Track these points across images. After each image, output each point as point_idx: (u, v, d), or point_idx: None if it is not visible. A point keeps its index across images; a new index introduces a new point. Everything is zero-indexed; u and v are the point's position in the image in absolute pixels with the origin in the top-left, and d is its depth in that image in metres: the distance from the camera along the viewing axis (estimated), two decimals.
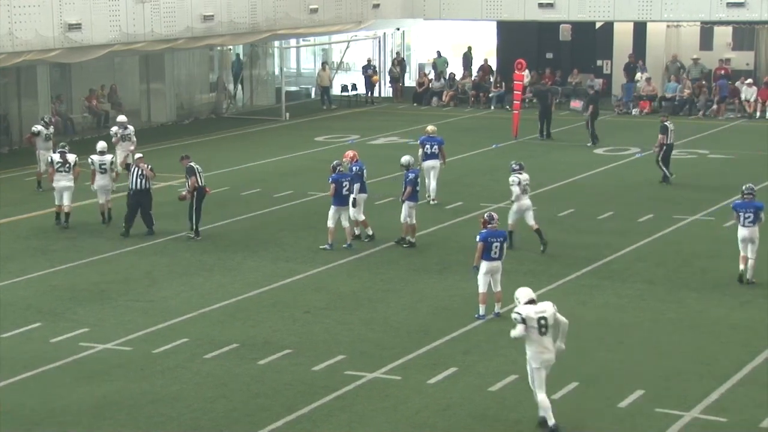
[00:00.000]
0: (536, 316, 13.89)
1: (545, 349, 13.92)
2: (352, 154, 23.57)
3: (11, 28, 30.53)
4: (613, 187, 28.73)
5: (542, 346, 13.91)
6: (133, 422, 14.20)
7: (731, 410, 14.47)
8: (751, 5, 41.14)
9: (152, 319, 18.27)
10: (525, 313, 13.91)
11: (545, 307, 14.02)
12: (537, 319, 13.85)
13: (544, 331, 13.88)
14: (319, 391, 15.12)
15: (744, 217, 20.05)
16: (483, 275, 18.18)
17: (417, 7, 46.25)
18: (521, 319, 13.89)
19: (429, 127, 27.96)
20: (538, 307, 14.00)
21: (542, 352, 13.91)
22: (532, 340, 13.89)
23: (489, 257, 18.10)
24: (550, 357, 13.95)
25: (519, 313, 13.93)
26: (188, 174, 23.32)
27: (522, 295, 14.17)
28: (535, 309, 13.97)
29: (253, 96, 45.91)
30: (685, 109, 41.49)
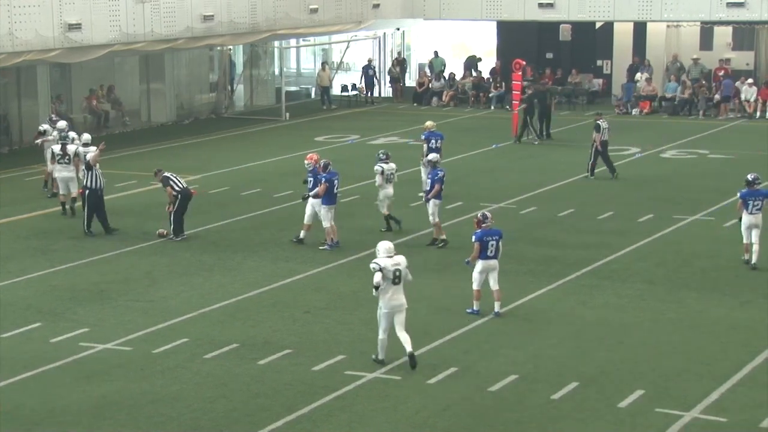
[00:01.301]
0: (392, 267, 15.85)
1: (396, 297, 15.87)
2: (316, 158, 23.08)
3: (11, 28, 30.53)
4: (613, 187, 28.73)
5: (394, 293, 15.85)
6: (133, 422, 14.20)
7: (731, 410, 14.47)
8: (751, 5, 41.15)
9: (152, 319, 18.27)
10: (383, 264, 15.84)
11: (400, 260, 16.00)
12: (393, 270, 15.81)
13: (397, 281, 15.86)
14: (319, 391, 15.12)
15: (753, 204, 20.88)
16: (478, 273, 18.32)
17: (417, 7, 46.26)
18: (379, 268, 15.79)
19: (429, 122, 28.08)
20: (394, 260, 15.93)
21: (392, 299, 15.87)
22: (388, 287, 15.78)
23: (485, 256, 18.23)
24: (398, 303, 15.89)
25: (378, 263, 15.84)
26: (164, 185, 23.36)
27: (382, 249, 16.09)
28: (392, 261, 15.91)
29: (253, 96, 45.92)
30: (686, 109, 41.49)
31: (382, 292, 15.86)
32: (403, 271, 15.97)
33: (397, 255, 16.10)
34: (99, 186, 23.92)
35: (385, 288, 15.85)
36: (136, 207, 26.63)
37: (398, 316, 15.97)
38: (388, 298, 15.90)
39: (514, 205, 26.60)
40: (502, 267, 21.20)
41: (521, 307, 18.93)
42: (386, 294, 15.88)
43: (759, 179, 21.28)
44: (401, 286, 15.93)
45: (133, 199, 27.56)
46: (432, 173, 22.96)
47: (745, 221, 20.96)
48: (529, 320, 18.21)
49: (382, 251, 16.08)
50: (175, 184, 23.31)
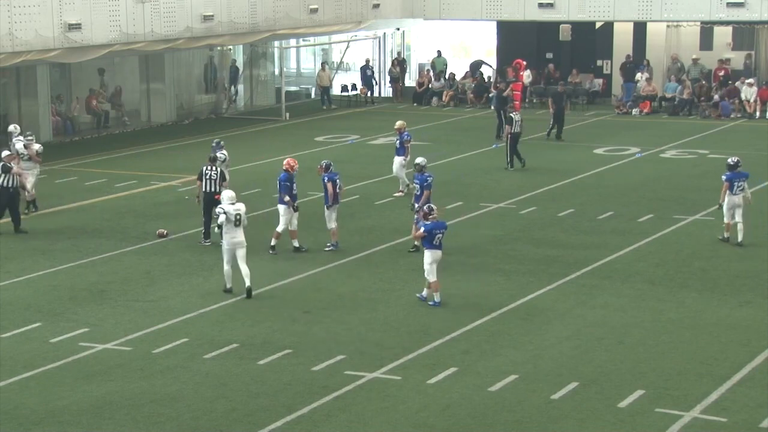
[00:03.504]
0: (234, 212, 19.31)
1: (236, 235, 19.31)
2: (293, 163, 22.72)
3: (11, 28, 30.54)
4: (613, 187, 28.73)
5: (234, 233, 19.31)
6: (133, 422, 14.20)
7: (731, 410, 14.47)
8: (751, 5, 41.15)
9: (152, 319, 18.27)
10: (226, 209, 19.33)
11: (240, 207, 19.46)
12: (234, 214, 19.27)
13: (237, 224, 19.29)
14: (319, 391, 15.12)
15: (737, 186, 22.66)
16: (430, 264, 18.86)
17: (417, 7, 46.26)
18: (223, 212, 19.30)
19: (400, 122, 28.03)
20: (235, 206, 19.36)
21: (233, 237, 19.32)
22: (228, 228, 19.25)
23: (432, 246, 18.88)
24: (238, 241, 19.31)
25: (222, 209, 19.42)
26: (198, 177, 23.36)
27: (226, 197, 19.60)
28: (234, 207, 19.34)
29: (253, 96, 45.92)
30: (685, 109, 41.49)
31: (225, 232, 19.36)
32: (242, 215, 19.36)
33: (239, 203, 19.58)
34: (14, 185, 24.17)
35: (228, 229, 19.27)
36: (136, 207, 26.64)
37: (239, 251, 19.33)
38: (230, 237, 19.33)
39: (514, 205, 26.59)
40: (502, 266, 21.30)
41: (521, 307, 18.93)
42: (228, 233, 19.32)
43: (740, 162, 23.01)
44: (241, 227, 19.30)
45: (133, 199, 27.57)
46: (420, 178, 22.43)
47: (729, 202, 22.61)
48: (529, 320, 18.21)
49: (226, 199, 19.56)
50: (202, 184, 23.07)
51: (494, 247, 22.77)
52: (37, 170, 26.33)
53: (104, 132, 38.34)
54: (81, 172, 31.02)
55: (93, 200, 27.52)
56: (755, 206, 26.18)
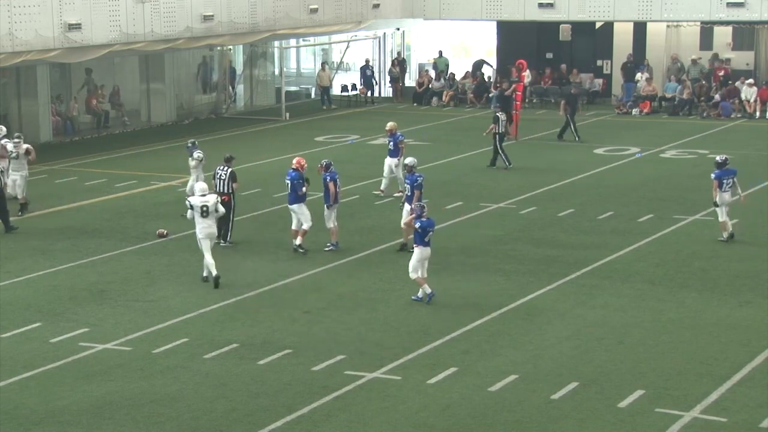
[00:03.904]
0: (200, 204, 20.05)
1: (207, 226, 20.09)
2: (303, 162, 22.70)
3: (11, 28, 30.54)
4: (613, 187, 28.73)
5: (205, 224, 20.09)
6: (133, 422, 14.20)
7: (731, 410, 14.47)
8: (751, 5, 41.15)
9: (152, 319, 18.27)
10: (194, 202, 20.22)
11: (209, 199, 20.22)
12: (200, 206, 20.03)
13: (205, 215, 20.05)
14: (319, 391, 15.12)
15: (726, 183, 22.77)
16: (417, 262, 19.04)
17: (417, 7, 46.25)
18: (191, 206, 20.21)
19: (391, 124, 27.98)
20: (204, 198, 20.15)
21: (205, 228, 20.09)
22: (199, 219, 20.06)
23: (424, 243, 19.03)
24: (210, 231, 20.13)
25: (190, 202, 20.33)
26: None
27: (198, 189, 20.46)
28: (201, 200, 20.13)
29: (253, 96, 45.92)
30: (685, 109, 41.49)
31: (197, 223, 20.19)
32: (210, 206, 20.15)
33: (210, 194, 20.47)
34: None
35: (199, 220, 20.11)
36: (136, 207, 26.64)
37: (210, 242, 20.22)
38: (201, 228, 20.15)
39: (514, 205, 26.59)
40: (502, 266, 21.30)
41: (521, 307, 18.93)
42: (200, 224, 20.14)
43: (728, 159, 23.17)
44: (212, 218, 20.15)
45: (133, 199, 27.57)
46: (410, 178, 22.41)
47: (720, 200, 22.71)
48: (529, 320, 18.21)
49: (197, 191, 20.49)
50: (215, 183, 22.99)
51: (494, 247, 22.77)
52: (25, 172, 25.90)
53: (104, 132, 38.34)
54: (81, 172, 31.01)
55: (93, 200, 27.52)
56: (755, 206, 26.20)
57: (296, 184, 22.17)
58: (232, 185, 22.81)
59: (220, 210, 20.50)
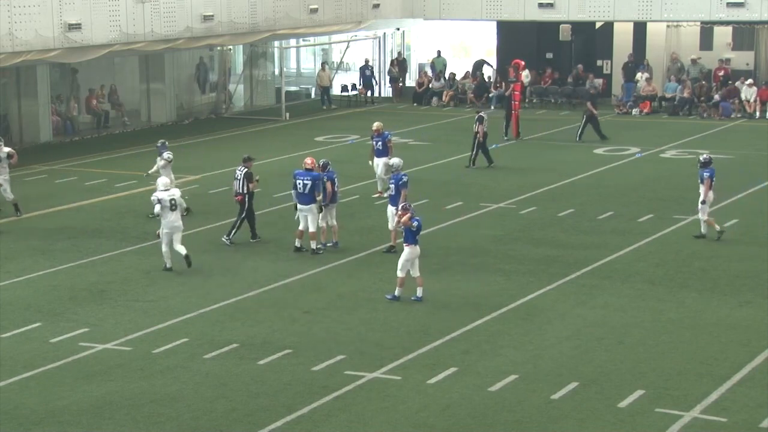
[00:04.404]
0: (168, 197, 20.72)
1: (175, 220, 20.74)
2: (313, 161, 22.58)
3: (11, 28, 30.54)
4: (613, 187, 28.73)
5: (173, 217, 20.72)
6: (133, 422, 14.20)
7: (731, 410, 14.47)
8: (751, 5, 41.14)
9: (152, 319, 18.27)
10: (160, 196, 20.75)
11: (174, 193, 20.92)
12: (169, 200, 20.68)
13: (173, 208, 20.70)
14: (319, 391, 15.12)
15: (713, 181, 23.03)
16: (407, 261, 19.08)
17: (417, 7, 46.25)
18: (158, 200, 20.74)
19: (378, 124, 27.92)
20: (169, 192, 20.80)
21: (171, 222, 20.72)
22: (165, 213, 20.69)
23: (414, 241, 19.11)
24: (176, 225, 20.76)
25: (157, 196, 20.80)
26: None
27: (161, 184, 21.09)
28: (168, 194, 20.76)
29: (253, 96, 45.92)
30: (685, 109, 41.49)
31: (163, 217, 20.75)
32: (177, 200, 20.82)
33: (174, 188, 21.29)
34: None
35: (165, 214, 20.69)
36: (136, 207, 26.62)
37: (176, 235, 20.85)
38: (167, 221, 20.76)
39: (514, 205, 26.59)
40: (502, 266, 21.31)
41: (521, 307, 18.93)
42: (166, 218, 20.75)
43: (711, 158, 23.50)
44: (177, 211, 20.77)
45: (133, 199, 27.56)
46: (395, 177, 22.47)
47: (709, 198, 22.95)
48: (529, 320, 18.21)
49: (161, 185, 21.05)
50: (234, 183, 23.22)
51: (494, 247, 22.77)
52: (7, 176, 25.72)
53: (104, 132, 38.34)
54: (81, 172, 31.02)
55: (93, 200, 27.52)
56: (755, 206, 26.24)
57: (317, 184, 22.07)
58: (247, 185, 22.79)
59: (183, 204, 21.28)
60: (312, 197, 22.03)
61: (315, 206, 22.09)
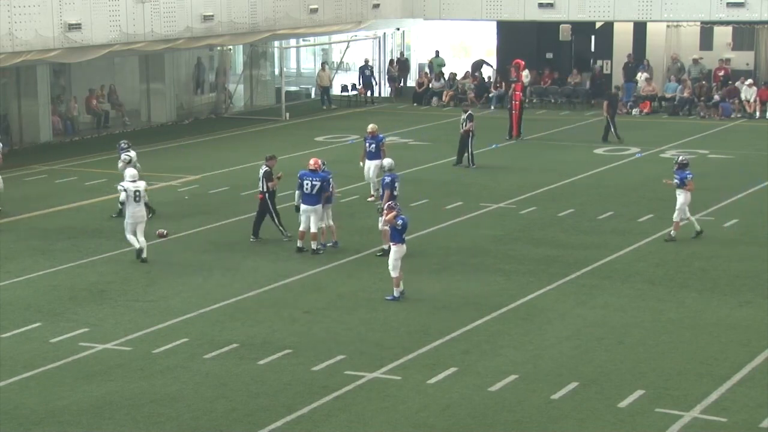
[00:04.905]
0: (133, 188, 21.48)
1: (138, 210, 21.50)
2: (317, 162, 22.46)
3: (11, 28, 30.54)
4: (613, 187, 28.72)
5: (137, 208, 21.50)
6: (133, 422, 14.20)
7: (731, 410, 14.47)
8: (751, 5, 41.15)
9: (152, 319, 18.27)
10: (126, 186, 21.60)
11: (140, 185, 21.69)
12: (134, 191, 21.46)
13: (138, 200, 21.48)
14: (319, 391, 15.12)
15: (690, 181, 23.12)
16: (397, 260, 19.15)
17: (417, 7, 46.26)
18: (123, 190, 21.60)
19: (372, 126, 27.77)
20: (136, 184, 21.59)
21: (135, 212, 21.49)
22: (130, 204, 21.48)
23: (402, 240, 19.23)
24: (140, 215, 21.55)
25: (122, 186, 21.73)
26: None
27: (128, 175, 21.91)
28: (134, 185, 21.56)
29: (253, 96, 45.92)
30: (685, 109, 41.50)
31: (128, 207, 21.51)
32: (142, 192, 21.57)
33: (140, 180, 21.88)
34: None
35: (130, 204, 21.44)
36: None
37: (139, 225, 21.60)
38: (131, 212, 21.50)
39: (514, 205, 26.59)
40: (502, 266, 21.32)
41: (521, 307, 18.93)
42: (131, 208, 21.49)
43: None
44: (141, 203, 21.54)
45: None
46: (384, 177, 22.61)
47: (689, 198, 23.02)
48: (529, 320, 18.21)
49: (128, 177, 21.84)
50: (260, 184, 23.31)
51: (494, 247, 22.77)
52: None
53: (104, 132, 38.33)
54: (81, 172, 31.01)
55: (93, 200, 27.51)
56: (755, 206, 26.24)
57: (325, 186, 22.03)
58: (267, 184, 22.78)
59: (146, 197, 22.10)
60: (318, 198, 22.03)
61: (320, 207, 22.09)
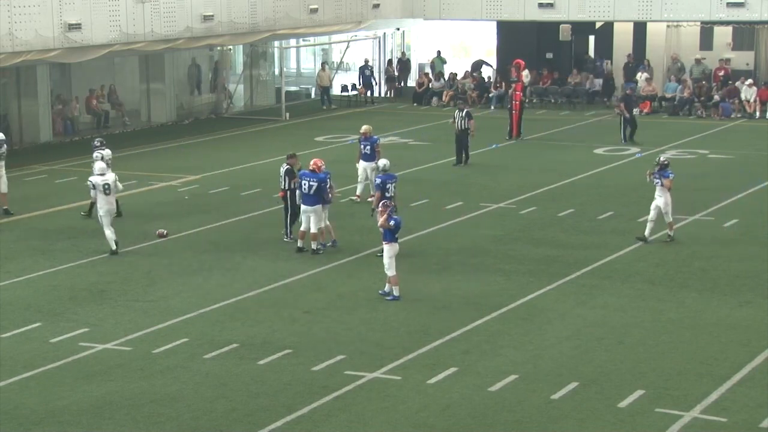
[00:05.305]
0: (102, 182, 22.03)
1: (108, 203, 22.13)
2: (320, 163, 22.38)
3: (11, 28, 30.54)
4: (613, 187, 28.73)
5: (107, 200, 22.09)
6: (133, 422, 14.20)
7: (731, 410, 14.47)
8: (751, 5, 41.15)
9: (152, 319, 18.27)
10: (95, 180, 22.17)
11: (108, 177, 22.20)
12: (102, 184, 22.03)
13: (107, 192, 22.05)
14: (319, 391, 15.12)
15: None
16: (390, 258, 19.23)
17: (417, 7, 46.26)
18: (92, 185, 22.17)
19: (366, 127, 27.61)
20: (104, 177, 22.14)
21: (106, 205, 22.08)
22: (101, 198, 22.10)
23: (394, 239, 19.31)
24: (110, 207, 22.19)
25: (91, 181, 22.27)
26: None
27: (97, 168, 22.43)
28: (102, 178, 22.11)
29: (253, 96, 45.92)
30: (685, 109, 41.50)
31: (98, 200, 22.16)
32: (111, 184, 22.12)
33: (109, 173, 22.39)
34: None
35: (100, 198, 22.07)
36: (136, 207, 26.62)
37: (110, 217, 22.21)
38: (102, 204, 22.07)
39: (514, 205, 26.59)
40: (502, 266, 21.31)
41: (521, 307, 18.93)
42: (101, 202, 22.06)
43: None
44: (113, 195, 22.16)
45: (133, 199, 27.54)
46: (378, 178, 22.67)
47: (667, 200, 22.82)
48: (529, 320, 18.21)
49: (96, 170, 22.44)
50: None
51: (494, 247, 22.77)
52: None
53: (104, 132, 38.29)
54: (81, 172, 30.96)
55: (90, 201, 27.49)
56: (755, 206, 26.23)
57: (323, 187, 22.01)
58: (289, 182, 22.80)
59: (119, 187, 22.59)
60: (317, 198, 22.02)
61: (320, 207, 22.08)
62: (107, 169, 22.75)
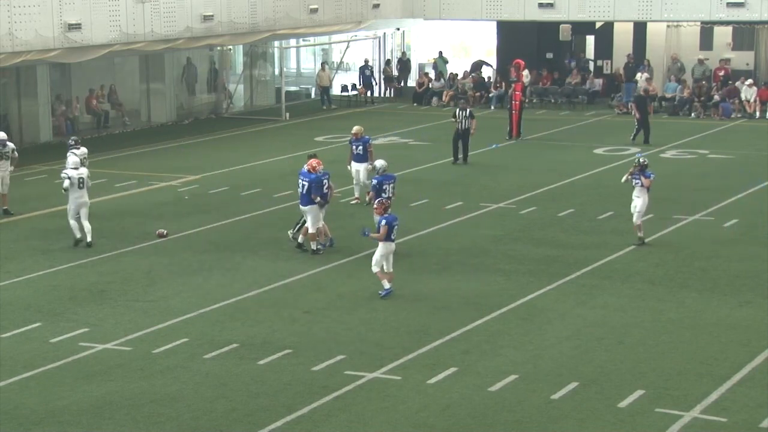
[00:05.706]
0: (77, 176, 22.56)
1: (80, 197, 22.59)
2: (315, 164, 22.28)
3: (11, 28, 30.54)
4: (613, 187, 28.69)
5: (80, 194, 22.59)
6: (133, 422, 14.20)
7: (731, 410, 14.47)
8: (751, 5, 41.16)
9: (152, 319, 18.27)
10: (70, 174, 22.53)
11: (83, 171, 22.80)
12: (78, 178, 22.50)
13: (81, 186, 22.58)
14: (319, 391, 15.12)
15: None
16: (381, 256, 19.29)
17: (417, 7, 46.27)
18: (68, 177, 22.52)
19: (357, 128, 27.56)
20: (79, 171, 22.67)
21: (78, 198, 22.58)
22: (74, 191, 22.50)
23: (389, 238, 19.31)
24: (83, 201, 22.62)
25: (66, 174, 22.61)
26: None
27: (70, 162, 22.81)
28: (77, 172, 22.63)
29: (253, 96, 45.93)
30: (685, 109, 41.50)
31: (71, 193, 22.52)
32: (85, 178, 22.67)
33: (82, 167, 23.00)
34: None
35: (73, 191, 22.47)
36: (136, 207, 26.64)
37: (83, 210, 22.68)
38: (74, 197, 22.55)
39: (514, 205, 26.59)
40: (502, 266, 21.30)
41: (521, 307, 18.93)
42: (73, 194, 22.53)
43: None
44: (84, 189, 22.61)
45: (133, 199, 27.57)
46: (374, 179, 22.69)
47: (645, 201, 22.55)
48: (529, 320, 18.20)
49: (70, 164, 22.80)
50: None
51: (494, 247, 22.77)
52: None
53: (104, 132, 38.33)
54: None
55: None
56: (755, 206, 26.23)
57: (314, 187, 21.98)
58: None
59: (89, 183, 23.09)
60: (310, 198, 22.02)
61: (315, 207, 22.07)
62: (80, 164, 23.27)
